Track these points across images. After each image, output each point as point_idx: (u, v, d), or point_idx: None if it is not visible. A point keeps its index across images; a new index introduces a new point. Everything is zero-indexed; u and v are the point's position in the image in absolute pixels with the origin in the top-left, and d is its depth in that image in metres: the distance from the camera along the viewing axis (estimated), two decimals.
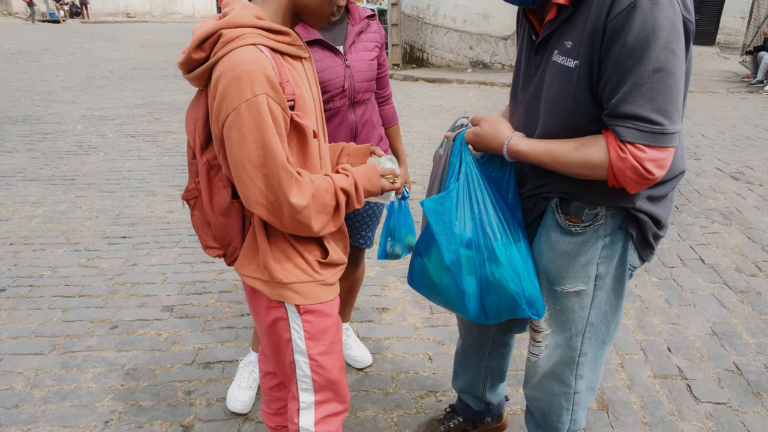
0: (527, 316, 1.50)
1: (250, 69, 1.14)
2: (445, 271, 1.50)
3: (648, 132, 1.17)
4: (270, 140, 1.17)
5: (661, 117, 1.17)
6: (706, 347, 2.67)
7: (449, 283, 1.51)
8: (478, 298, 1.49)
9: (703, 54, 16.05)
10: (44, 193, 4.75)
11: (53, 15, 28.43)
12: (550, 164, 1.33)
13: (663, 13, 1.13)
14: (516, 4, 1.36)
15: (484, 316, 1.53)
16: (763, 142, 6.76)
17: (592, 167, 1.26)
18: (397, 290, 3.20)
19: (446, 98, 10.07)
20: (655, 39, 1.13)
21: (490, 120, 1.47)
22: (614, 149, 1.21)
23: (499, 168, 1.53)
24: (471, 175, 1.47)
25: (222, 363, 2.53)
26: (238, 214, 1.35)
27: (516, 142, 1.39)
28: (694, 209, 4.47)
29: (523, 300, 1.46)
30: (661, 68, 1.15)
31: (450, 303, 1.58)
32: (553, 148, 1.32)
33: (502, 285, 1.45)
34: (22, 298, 3.07)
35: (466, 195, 1.47)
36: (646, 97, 1.16)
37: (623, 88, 1.18)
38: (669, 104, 1.17)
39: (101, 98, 9.14)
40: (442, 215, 1.48)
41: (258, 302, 1.42)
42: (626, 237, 1.41)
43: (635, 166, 1.19)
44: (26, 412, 2.22)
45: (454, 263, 1.47)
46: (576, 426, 1.67)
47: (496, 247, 1.44)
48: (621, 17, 1.15)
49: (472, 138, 1.49)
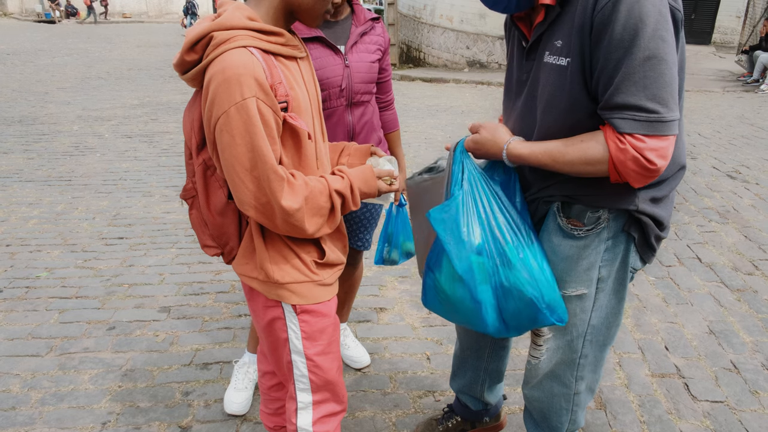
0: (550, 324, 1.44)
1: (240, 72, 1.14)
2: (458, 282, 1.43)
3: (645, 121, 1.16)
4: (259, 143, 1.17)
5: (657, 104, 1.16)
6: (703, 346, 2.68)
7: (463, 294, 1.44)
8: (496, 308, 1.43)
9: (699, 53, 16.07)
10: (40, 194, 4.73)
11: (49, 15, 28.34)
12: (550, 165, 1.32)
13: (648, 1, 1.13)
14: (502, 12, 1.36)
15: (505, 329, 1.47)
16: (759, 141, 6.78)
17: (593, 162, 1.25)
18: (395, 290, 3.20)
19: (443, 98, 10.07)
20: (642, 27, 1.13)
21: (488, 126, 1.46)
22: (613, 142, 1.20)
23: (503, 173, 1.50)
24: (474, 180, 1.44)
25: (220, 364, 2.53)
26: (234, 214, 1.35)
27: (515, 145, 1.38)
28: (690, 208, 4.48)
29: (543, 305, 1.40)
30: (652, 55, 1.14)
31: (467, 318, 1.50)
32: (551, 148, 1.31)
33: (519, 290, 1.39)
34: (18, 299, 3.06)
35: (472, 201, 1.43)
36: (639, 85, 1.15)
37: (616, 78, 1.17)
38: (663, 91, 1.16)
39: (97, 99, 9.12)
40: (449, 224, 1.43)
41: (256, 301, 1.42)
42: (628, 239, 1.40)
43: (636, 156, 1.18)
44: (23, 414, 2.21)
45: (466, 272, 1.41)
46: (575, 426, 1.67)
47: (508, 251, 1.39)
48: (607, 9, 1.15)
49: (472, 145, 1.47)
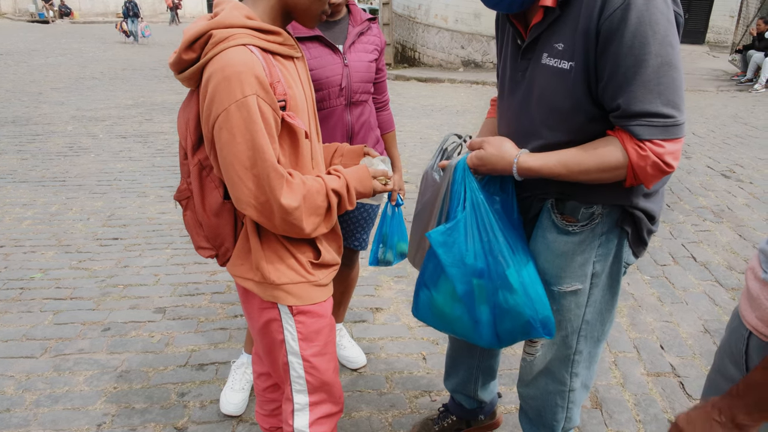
0: (540, 337, 1.46)
1: (240, 70, 1.14)
2: (458, 302, 1.45)
3: (662, 126, 1.19)
4: (260, 141, 1.17)
5: (672, 110, 1.19)
6: (698, 345, 2.69)
7: (462, 314, 1.46)
8: (492, 326, 1.46)
9: (693, 53, 16.14)
10: (34, 194, 4.71)
11: (42, 15, 28.20)
12: (564, 175, 1.30)
13: (657, 8, 1.15)
14: (502, 11, 1.35)
15: (497, 342, 1.50)
16: (753, 140, 6.82)
17: (611, 169, 1.25)
18: (391, 290, 3.20)
19: (438, 98, 10.08)
20: (653, 35, 1.14)
21: (493, 141, 1.41)
22: (633, 149, 1.21)
23: (500, 189, 1.48)
24: (477, 202, 1.42)
25: (215, 364, 2.52)
26: (230, 214, 1.35)
27: (525, 159, 1.34)
28: (685, 207, 4.50)
29: (537, 323, 1.42)
30: (665, 62, 1.16)
31: (461, 332, 1.53)
32: (566, 158, 1.29)
33: (517, 311, 1.41)
34: (12, 300, 3.04)
35: (474, 223, 1.41)
36: (655, 92, 1.17)
37: (629, 86, 1.18)
38: (676, 96, 1.19)
39: (91, 99, 9.08)
40: (452, 247, 1.42)
41: (251, 303, 1.41)
42: (621, 234, 1.42)
43: (656, 162, 1.20)
44: (18, 416, 2.20)
45: (467, 294, 1.43)
46: (571, 424, 1.67)
47: (509, 275, 1.40)
48: (616, 16, 1.15)
49: (477, 162, 1.42)
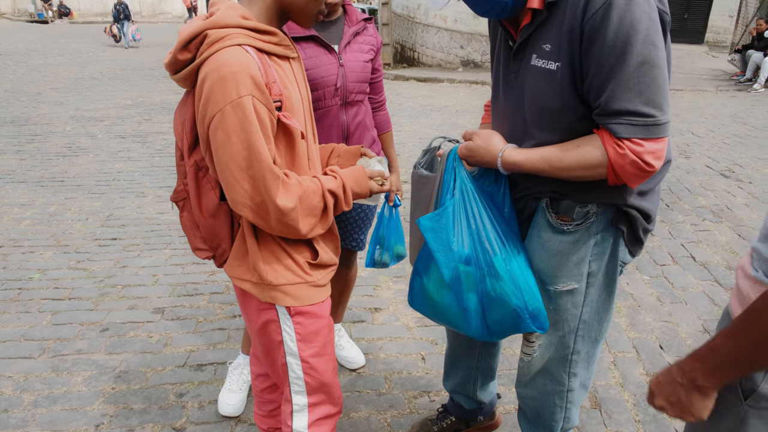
0: (531, 331, 1.48)
1: (235, 70, 1.13)
2: (446, 289, 1.48)
3: (642, 125, 1.19)
4: (255, 141, 1.16)
5: (652, 109, 1.18)
6: (697, 344, 2.65)
7: (450, 301, 1.49)
8: (481, 315, 1.47)
9: (692, 53, 16.14)
10: (33, 194, 4.70)
11: (41, 15, 28.18)
12: (547, 171, 1.33)
13: (639, 7, 1.15)
14: (493, 18, 1.36)
15: (487, 334, 1.51)
16: (752, 139, 6.82)
17: (591, 167, 1.26)
18: (390, 290, 3.19)
19: (437, 98, 10.07)
20: (634, 34, 1.14)
21: (482, 134, 1.45)
22: (611, 147, 1.22)
23: (494, 182, 1.51)
24: (466, 190, 1.45)
25: (214, 365, 2.52)
26: (226, 215, 1.34)
27: (510, 153, 1.38)
28: (684, 207, 4.50)
29: (526, 314, 1.44)
30: (645, 61, 1.16)
31: (452, 322, 1.55)
32: (548, 154, 1.32)
33: (504, 300, 1.43)
34: (11, 301, 3.03)
35: (462, 210, 1.45)
36: (635, 91, 1.17)
37: (610, 85, 1.18)
38: (657, 95, 1.18)
39: (90, 99, 9.07)
40: (439, 232, 1.45)
41: (249, 304, 1.41)
42: (617, 233, 1.42)
43: (635, 160, 1.20)
44: (16, 416, 2.19)
45: (453, 280, 1.45)
46: (569, 424, 1.67)
47: (496, 262, 1.42)
48: (597, 16, 1.16)
49: (465, 152, 1.47)
